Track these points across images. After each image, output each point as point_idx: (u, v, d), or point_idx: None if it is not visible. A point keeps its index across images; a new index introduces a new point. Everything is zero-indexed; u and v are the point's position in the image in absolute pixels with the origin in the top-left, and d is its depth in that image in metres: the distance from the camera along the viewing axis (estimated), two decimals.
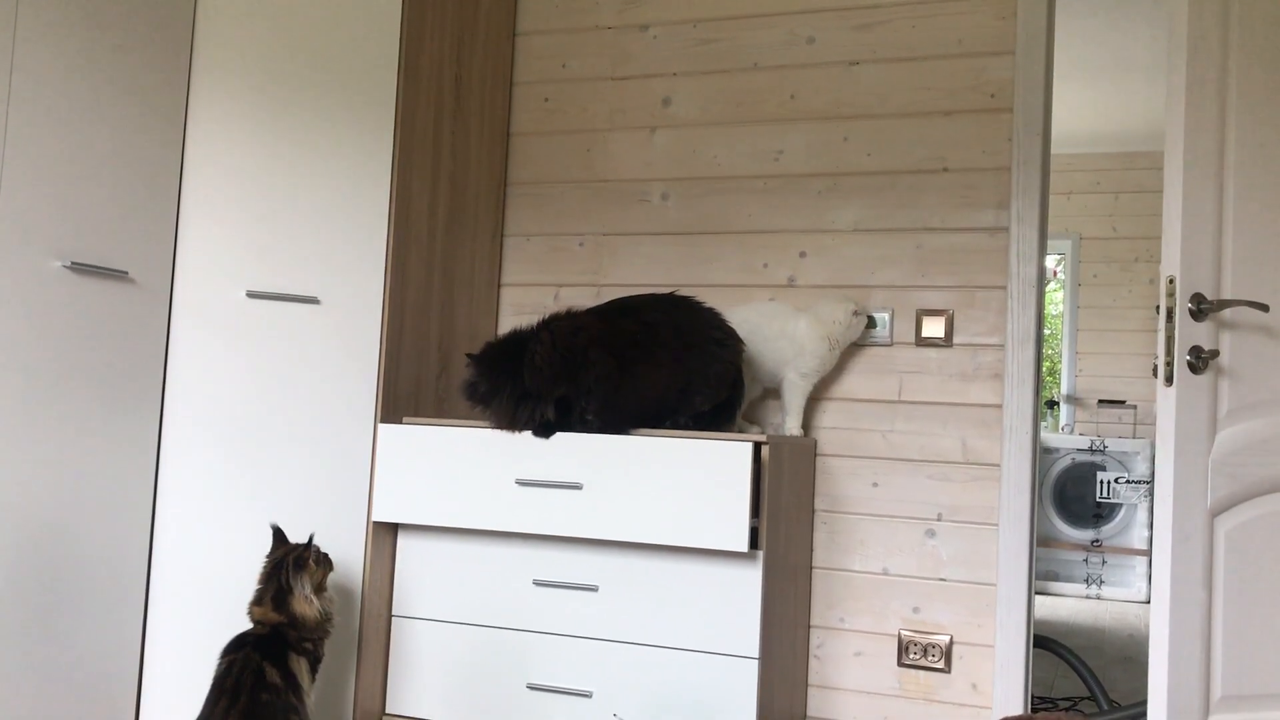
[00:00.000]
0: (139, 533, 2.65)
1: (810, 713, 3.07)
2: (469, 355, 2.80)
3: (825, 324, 2.98)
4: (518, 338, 2.80)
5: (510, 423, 2.74)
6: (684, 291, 3.27)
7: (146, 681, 2.67)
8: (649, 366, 2.72)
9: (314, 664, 2.50)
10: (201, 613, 2.71)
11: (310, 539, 2.55)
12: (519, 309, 3.49)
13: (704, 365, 2.75)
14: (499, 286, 3.52)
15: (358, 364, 2.87)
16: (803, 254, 3.20)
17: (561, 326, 2.77)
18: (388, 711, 2.94)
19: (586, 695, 2.75)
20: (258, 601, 2.48)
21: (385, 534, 2.93)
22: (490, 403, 2.75)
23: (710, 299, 3.25)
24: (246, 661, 2.36)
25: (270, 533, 2.61)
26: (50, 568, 2.45)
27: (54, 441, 2.45)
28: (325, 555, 2.58)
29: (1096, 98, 5.86)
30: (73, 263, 2.47)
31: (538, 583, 2.82)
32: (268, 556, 2.54)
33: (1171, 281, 2.45)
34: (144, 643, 2.67)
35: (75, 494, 2.50)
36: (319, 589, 2.53)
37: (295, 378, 2.81)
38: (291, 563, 2.49)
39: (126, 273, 2.60)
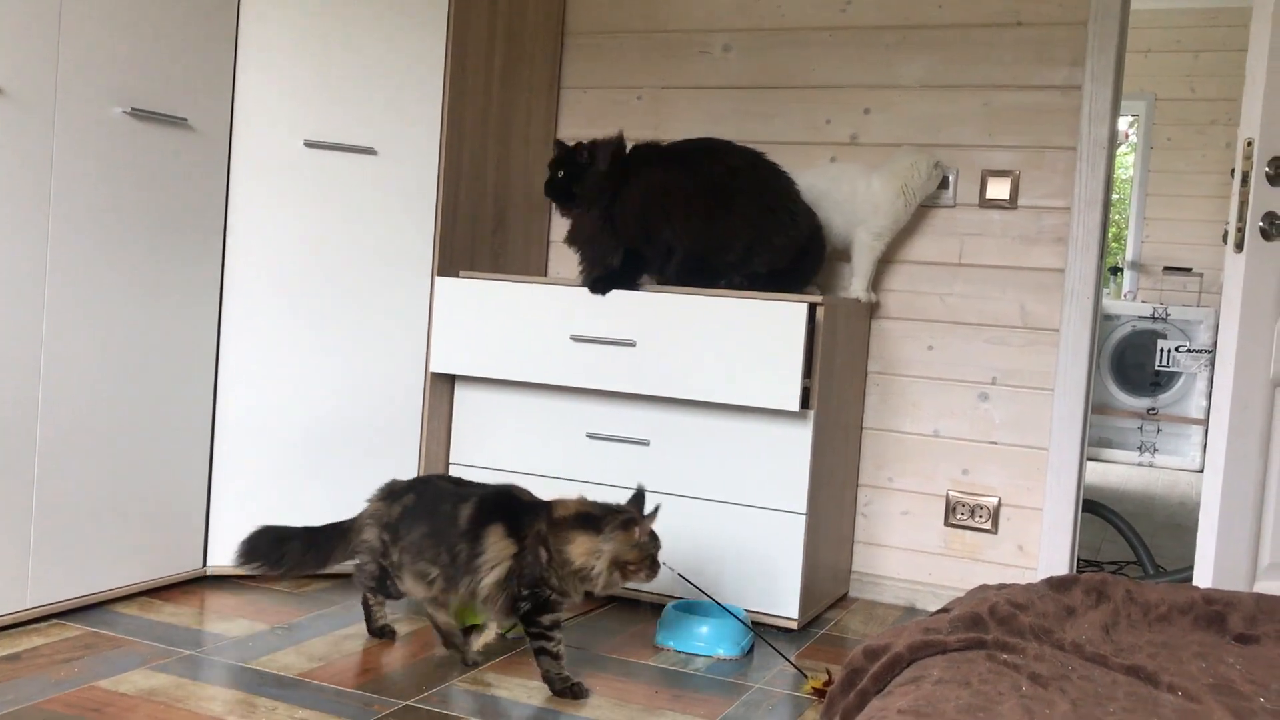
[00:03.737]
0: (203, 376, 2.72)
1: (855, 568, 3.13)
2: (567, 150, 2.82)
3: (900, 177, 2.91)
4: (614, 175, 2.78)
5: (596, 261, 2.79)
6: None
7: (213, 521, 2.78)
8: (725, 215, 2.71)
9: (521, 598, 2.22)
10: (264, 456, 2.79)
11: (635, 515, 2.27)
12: None
13: (773, 232, 2.73)
14: (555, 141, 3.48)
15: (414, 217, 2.88)
16: (867, 110, 3.12)
17: (655, 181, 2.74)
18: None
19: None
20: (581, 501, 2.29)
21: (443, 385, 2.98)
22: (587, 234, 2.80)
23: (770, 155, 3.19)
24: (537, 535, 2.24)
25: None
26: (118, 412, 2.53)
27: (119, 286, 2.50)
28: (647, 543, 2.26)
29: None
30: (133, 108, 2.47)
31: (591, 436, 2.86)
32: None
33: (1249, 144, 2.37)
34: (210, 484, 2.77)
35: (140, 338, 2.56)
36: (614, 560, 2.22)
37: (353, 229, 2.83)
38: (622, 519, 2.23)
39: (186, 120, 2.61)
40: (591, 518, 2.24)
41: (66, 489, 2.43)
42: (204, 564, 2.78)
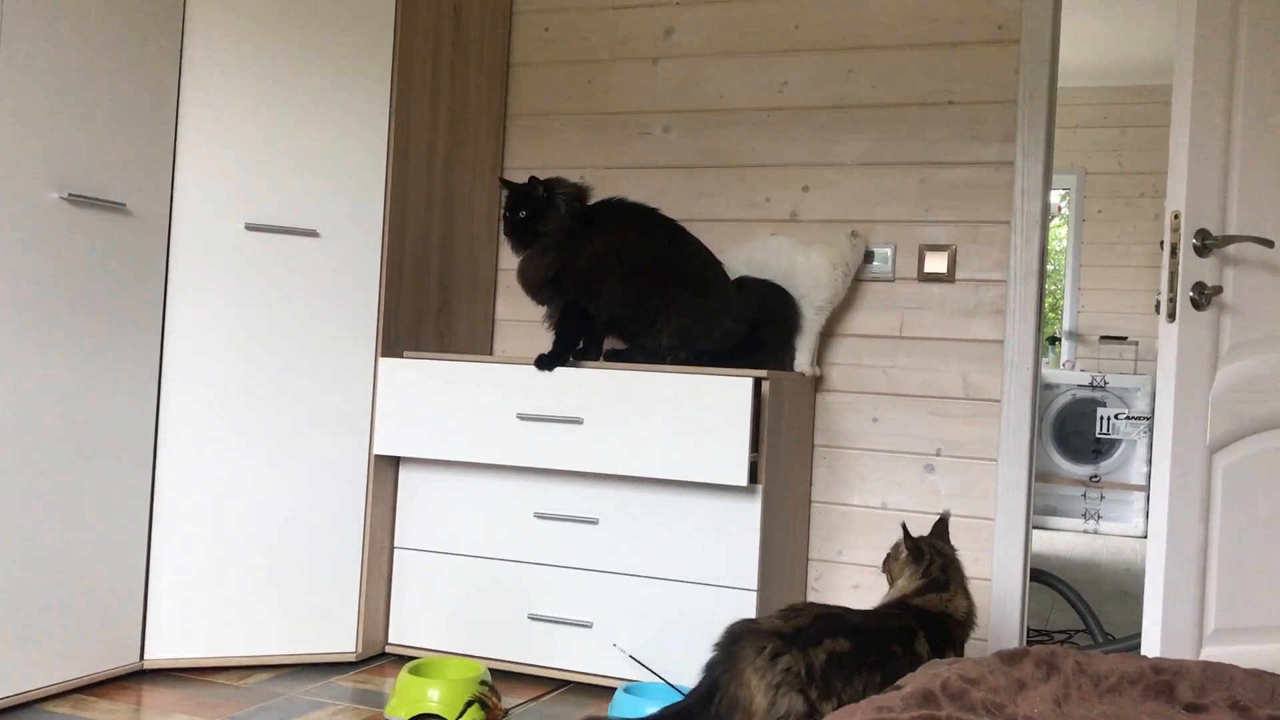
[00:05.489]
0: (141, 464, 2.67)
1: None
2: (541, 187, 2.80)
3: (833, 249, 2.96)
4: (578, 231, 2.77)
5: (537, 288, 2.80)
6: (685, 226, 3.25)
7: (151, 611, 2.70)
8: (661, 296, 2.73)
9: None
10: (206, 543, 2.73)
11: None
12: None
13: (710, 325, 2.77)
14: (500, 220, 3.49)
15: (357, 298, 2.87)
16: (805, 188, 3.18)
17: (611, 243, 2.75)
18: (390, 641, 2.97)
19: (587, 626, 2.78)
20: (942, 588, 2.32)
21: (387, 467, 2.95)
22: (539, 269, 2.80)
23: (711, 234, 3.23)
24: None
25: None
26: (50, 502, 2.47)
27: (53, 373, 2.46)
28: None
29: (1105, 29, 5.78)
30: (70, 194, 2.45)
31: (539, 515, 2.84)
32: (926, 544, 2.41)
33: (1176, 217, 2.43)
34: (148, 573, 2.70)
35: (75, 424, 2.51)
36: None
37: (295, 311, 2.81)
38: (947, 553, 2.37)
39: (124, 205, 2.58)
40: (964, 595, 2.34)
41: None
42: (141, 658, 2.70)
